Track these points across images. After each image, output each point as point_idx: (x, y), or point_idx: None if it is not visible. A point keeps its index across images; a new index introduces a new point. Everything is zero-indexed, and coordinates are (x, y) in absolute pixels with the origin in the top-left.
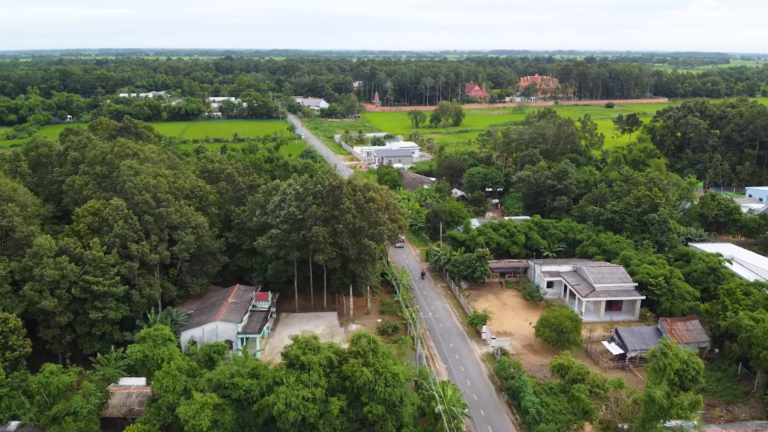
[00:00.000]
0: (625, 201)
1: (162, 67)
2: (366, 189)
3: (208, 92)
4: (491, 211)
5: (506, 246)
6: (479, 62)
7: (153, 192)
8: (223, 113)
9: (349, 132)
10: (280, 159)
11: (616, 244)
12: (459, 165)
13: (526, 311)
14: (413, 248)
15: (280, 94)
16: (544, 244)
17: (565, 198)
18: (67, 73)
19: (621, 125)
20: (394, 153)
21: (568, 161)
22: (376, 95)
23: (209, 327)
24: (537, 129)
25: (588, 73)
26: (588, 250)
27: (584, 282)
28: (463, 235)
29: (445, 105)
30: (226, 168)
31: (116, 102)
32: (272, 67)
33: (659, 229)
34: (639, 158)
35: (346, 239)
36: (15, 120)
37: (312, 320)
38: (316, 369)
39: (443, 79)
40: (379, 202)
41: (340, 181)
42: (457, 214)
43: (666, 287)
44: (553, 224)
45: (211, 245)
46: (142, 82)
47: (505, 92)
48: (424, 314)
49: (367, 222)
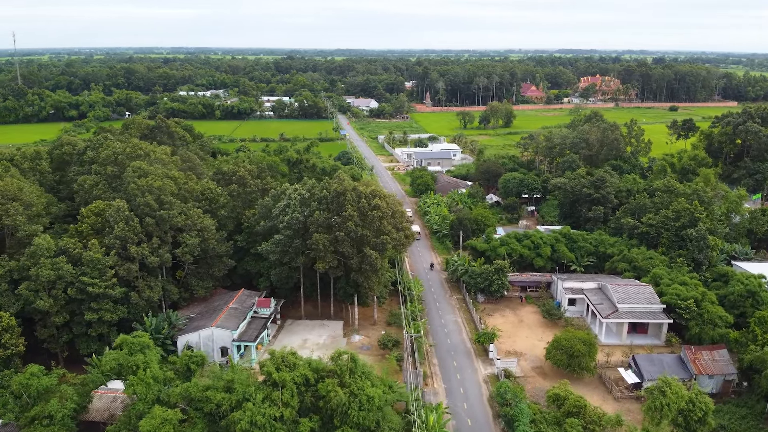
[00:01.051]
0: (663, 214)
1: (223, 66)
2: (371, 196)
3: (264, 92)
4: (526, 218)
5: (530, 258)
6: (539, 62)
7: (156, 194)
8: (275, 113)
9: (392, 133)
10: (309, 161)
11: (648, 260)
12: (496, 169)
13: (543, 330)
14: (435, 256)
15: (332, 94)
16: (571, 257)
17: (601, 208)
18: (131, 71)
19: (676, 130)
20: (433, 155)
21: (609, 169)
22: (427, 95)
23: (205, 332)
24: (580, 133)
25: (651, 74)
26: (618, 266)
27: (607, 301)
28: (483, 245)
29: (494, 105)
30: (238, 170)
31: (172, 100)
32: (329, 66)
33: (697, 245)
34: (688, 167)
35: (348, 248)
36: (76, 116)
37: (316, 329)
38: (289, 387)
39: (497, 79)
40: (384, 209)
41: (344, 187)
42: (483, 222)
43: (696, 311)
44: (582, 236)
45: (217, 248)
46: (201, 80)
47: (562, 93)
48: (434, 328)
49: (370, 231)
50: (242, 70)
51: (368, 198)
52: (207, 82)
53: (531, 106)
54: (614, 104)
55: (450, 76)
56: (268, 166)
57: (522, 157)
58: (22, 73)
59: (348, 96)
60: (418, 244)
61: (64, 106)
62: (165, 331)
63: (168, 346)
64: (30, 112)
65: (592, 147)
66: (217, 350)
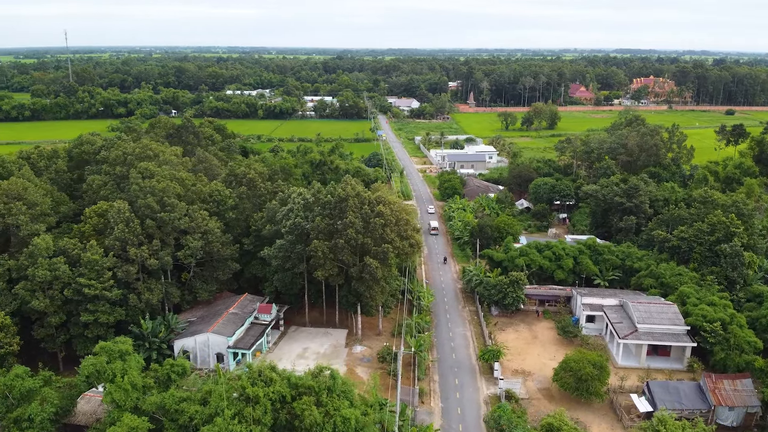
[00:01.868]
0: (697, 227)
1: (271, 66)
2: (375, 202)
3: (309, 91)
4: (556, 226)
5: (551, 270)
6: (591, 62)
7: (159, 196)
8: (316, 112)
9: (429, 134)
10: (332, 162)
11: (676, 277)
12: (528, 174)
13: (557, 348)
14: (454, 263)
15: (374, 94)
16: (594, 271)
17: (633, 218)
18: (181, 70)
19: (725, 136)
20: (466, 157)
21: (646, 176)
22: (471, 95)
23: (201, 338)
24: (618, 138)
25: (708, 76)
26: (643, 282)
27: (627, 320)
28: (500, 254)
29: (538, 107)
30: (248, 173)
31: (217, 99)
32: (375, 66)
33: (730, 263)
34: (733, 176)
35: (348, 256)
36: (124, 113)
37: (318, 337)
38: (263, 403)
39: (544, 80)
40: (387, 216)
41: (347, 192)
42: (506, 230)
43: (722, 335)
44: (608, 248)
45: (221, 251)
46: (249, 80)
47: (613, 94)
48: (440, 341)
49: (372, 239)
50: (290, 69)
51: (371, 204)
52: (254, 81)
53: (579, 108)
54: (668, 106)
55: (495, 76)
56: (281, 169)
57: (559, 161)
58: (76, 70)
59: (391, 96)
60: (437, 250)
61: (112, 103)
62: (162, 334)
63: (164, 350)
64: (80, 108)
65: (631, 152)
66: (212, 356)
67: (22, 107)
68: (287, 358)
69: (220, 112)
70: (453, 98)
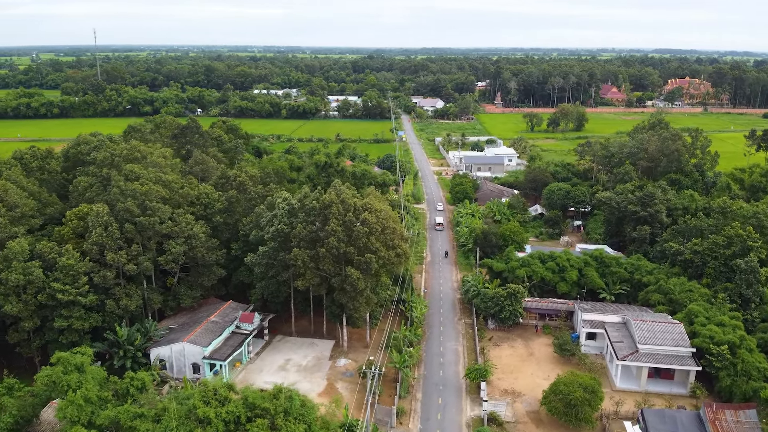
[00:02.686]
0: (712, 239)
1: (301, 65)
2: (361, 209)
3: (336, 91)
4: (569, 234)
5: (553, 283)
6: (625, 62)
7: (141, 199)
8: (340, 112)
9: (450, 135)
10: (339, 165)
11: (686, 293)
12: (543, 178)
13: (553, 366)
14: (456, 271)
15: (399, 94)
16: (600, 284)
17: (647, 228)
18: (211, 69)
19: (755, 141)
20: (484, 160)
21: (665, 183)
22: (498, 96)
23: (177, 347)
24: (638, 142)
25: (745, 77)
26: (651, 298)
27: (629, 339)
28: (500, 264)
29: (565, 108)
30: (239, 176)
31: (242, 98)
32: (403, 66)
33: (745, 279)
34: (759, 184)
35: (329, 265)
36: (150, 111)
37: (303, 348)
38: (215, 424)
39: (574, 80)
40: (372, 225)
41: (330, 199)
42: (512, 238)
43: (729, 359)
44: (616, 261)
45: (206, 257)
46: (277, 79)
47: (646, 96)
48: (430, 356)
49: (355, 248)
50: (318, 69)
51: (357, 212)
52: (282, 80)
53: (610, 109)
54: (702, 109)
55: (523, 76)
56: (275, 172)
57: (578, 165)
58: (106, 69)
59: (417, 96)
60: (440, 245)
61: (139, 101)
62: (138, 342)
63: (140, 359)
64: (107, 106)
65: (652, 158)
66: (189, 366)
67: (51, 105)
68: (268, 370)
69: (244, 111)
70: (481, 98)
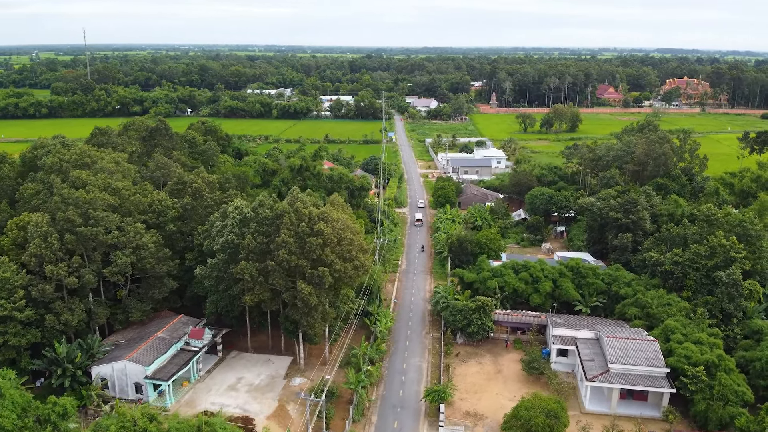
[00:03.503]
0: (694, 249)
1: (297, 64)
2: (317, 219)
3: (330, 91)
4: (551, 240)
5: (526, 294)
6: (625, 61)
7: (84, 208)
8: (332, 113)
9: (440, 136)
10: (314, 168)
11: (664, 307)
12: (527, 182)
13: (521, 386)
14: (430, 280)
15: (394, 94)
16: (575, 296)
17: (629, 236)
18: (205, 68)
19: (748, 144)
20: (471, 162)
21: (650, 189)
22: (493, 96)
23: (118, 365)
24: (625, 145)
25: (743, 77)
26: (628, 312)
27: (600, 357)
28: (471, 275)
29: (559, 108)
30: (195, 181)
31: (232, 98)
32: (400, 65)
33: (726, 293)
34: (749, 189)
35: (279, 279)
36: (139, 111)
37: (258, 365)
38: None
39: (570, 80)
40: (328, 235)
41: (283, 207)
42: (488, 246)
43: (705, 381)
44: (593, 271)
45: (156, 268)
46: (272, 78)
47: (643, 96)
48: (391, 374)
49: (308, 260)
50: (315, 68)
51: (311, 221)
52: (277, 80)
53: (606, 110)
54: (700, 109)
55: (518, 76)
56: (235, 177)
57: (566, 168)
58: (98, 68)
59: (411, 95)
60: (416, 265)
61: (128, 101)
62: (79, 359)
63: (80, 378)
64: (96, 106)
65: (639, 161)
66: (131, 386)
67: (40, 105)
68: (216, 389)
69: (235, 111)
70: (477, 98)
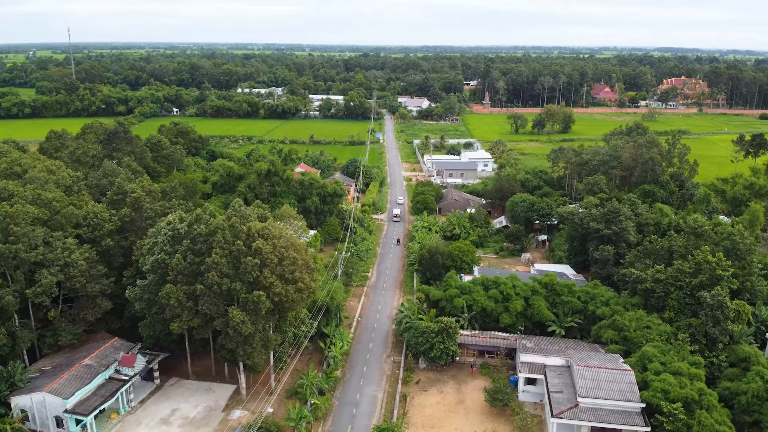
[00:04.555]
0: (677, 266)
1: (290, 63)
2: (257, 235)
3: (321, 90)
4: (532, 250)
5: (496, 313)
6: (622, 60)
7: (6, 223)
8: (321, 112)
9: (428, 137)
10: (283, 173)
11: (643, 331)
12: (509, 187)
13: (483, 419)
14: (400, 295)
15: (386, 93)
16: (548, 316)
17: (610, 248)
18: (195, 67)
19: (743, 147)
20: (456, 165)
21: (635, 196)
22: (486, 96)
23: (37, 397)
24: (612, 149)
25: (741, 77)
26: (604, 335)
27: (570, 388)
28: (437, 292)
29: (551, 109)
30: (135, 191)
31: (219, 98)
32: (395, 64)
33: (711, 316)
34: (741, 197)
35: (209, 305)
36: (124, 111)
37: (197, 394)
38: None
39: (564, 79)
40: (267, 255)
41: (217, 223)
42: (461, 258)
43: (684, 420)
44: (569, 288)
45: (88, 287)
46: (263, 77)
47: (640, 96)
48: (342, 405)
49: (243, 283)
50: (309, 67)
51: (249, 238)
52: (268, 79)
53: (602, 110)
54: (698, 109)
55: (512, 75)
56: (183, 185)
57: (552, 172)
58: (85, 67)
59: (404, 95)
60: (387, 277)
61: (113, 101)
62: None
63: None
64: (80, 106)
65: (626, 166)
66: (51, 420)
67: (23, 104)
68: (147, 423)
69: (221, 111)
70: (471, 98)
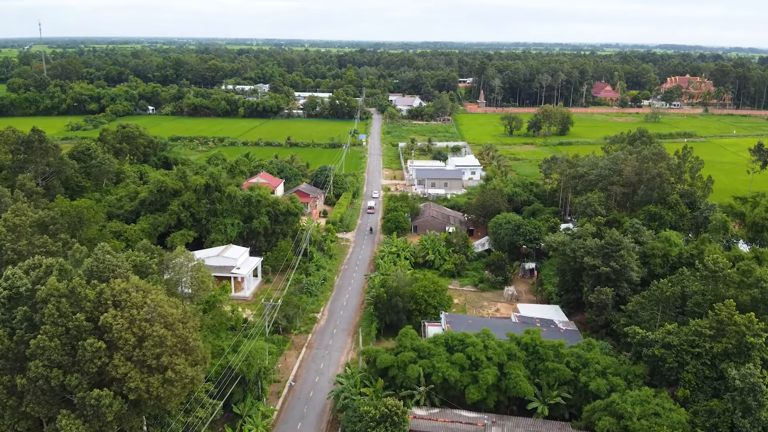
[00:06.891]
0: (693, 326)
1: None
2: (110, 303)
3: (309, 87)
4: (518, 282)
5: (461, 386)
6: (625, 58)
7: None
8: (305, 111)
9: (414, 140)
10: (226, 188)
11: (651, 420)
12: (494, 203)
13: None
14: (352, 347)
15: (376, 91)
16: (527, 390)
17: (609, 291)
18: (180, 63)
19: (761, 156)
20: (441, 173)
21: (639, 222)
22: (481, 94)
23: None
24: (612, 161)
25: (749, 76)
26: (598, 423)
27: None
28: (387, 357)
29: (547, 109)
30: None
31: (197, 95)
32: (389, 60)
33: (741, 402)
34: (763, 222)
35: (37, 405)
36: (96, 109)
37: None
38: None
39: (563, 77)
40: (117, 331)
41: (51, 287)
42: (426, 300)
43: None
44: (556, 350)
45: None
46: (250, 73)
47: (642, 95)
48: None
49: (83, 374)
50: (300, 63)
51: (96, 308)
52: (256, 75)
53: (603, 110)
54: (703, 109)
55: (509, 73)
56: (67, 214)
57: (544, 184)
58: (60, 62)
59: (395, 93)
60: (341, 318)
61: (84, 98)
62: None
63: None
64: (50, 104)
65: (629, 183)
66: None
67: None
68: None
69: (198, 110)
70: (467, 96)
